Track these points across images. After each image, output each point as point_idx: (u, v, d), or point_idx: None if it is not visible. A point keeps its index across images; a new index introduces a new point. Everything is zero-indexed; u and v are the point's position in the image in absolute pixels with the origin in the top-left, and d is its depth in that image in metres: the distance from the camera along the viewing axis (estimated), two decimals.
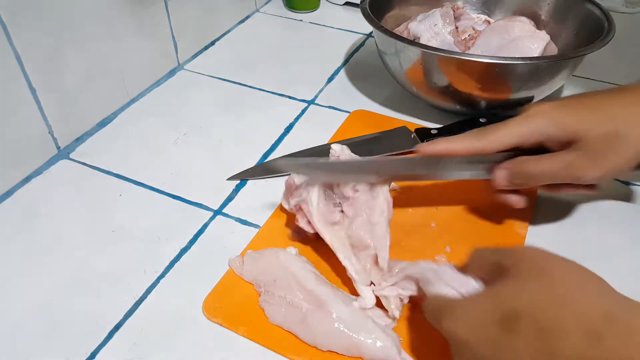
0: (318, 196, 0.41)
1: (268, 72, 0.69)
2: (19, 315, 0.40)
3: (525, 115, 0.40)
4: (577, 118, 0.39)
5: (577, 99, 0.41)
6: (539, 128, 0.39)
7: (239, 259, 0.43)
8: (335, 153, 0.43)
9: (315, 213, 0.40)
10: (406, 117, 0.61)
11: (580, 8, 0.61)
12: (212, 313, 0.40)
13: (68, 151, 0.55)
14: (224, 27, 0.78)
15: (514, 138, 0.40)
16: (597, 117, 0.38)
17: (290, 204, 0.43)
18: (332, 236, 0.40)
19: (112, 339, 0.38)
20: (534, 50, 0.59)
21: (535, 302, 0.28)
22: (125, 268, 0.43)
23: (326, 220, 0.41)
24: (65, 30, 0.51)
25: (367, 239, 0.39)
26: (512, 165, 0.41)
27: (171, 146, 0.56)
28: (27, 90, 0.49)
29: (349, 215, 0.40)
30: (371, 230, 0.39)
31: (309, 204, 0.41)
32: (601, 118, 0.38)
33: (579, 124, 0.38)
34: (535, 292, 0.29)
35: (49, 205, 0.49)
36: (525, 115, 0.40)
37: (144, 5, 0.60)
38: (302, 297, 0.39)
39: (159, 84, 0.66)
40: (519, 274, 0.30)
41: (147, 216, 0.48)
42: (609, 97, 0.40)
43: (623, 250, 0.45)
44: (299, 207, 0.41)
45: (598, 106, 0.39)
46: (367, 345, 0.36)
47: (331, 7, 0.87)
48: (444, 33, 0.63)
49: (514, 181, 0.42)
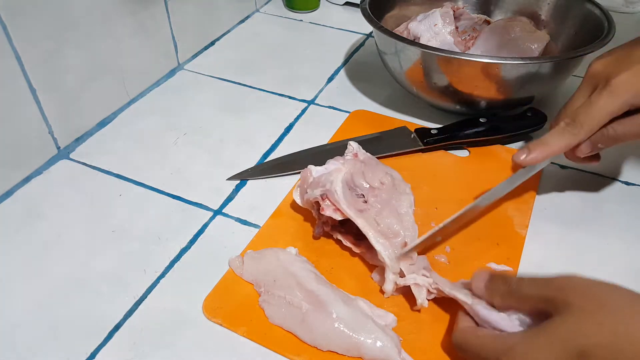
0: (342, 187, 0.42)
1: (268, 72, 0.69)
2: (19, 315, 0.40)
3: (609, 90, 0.39)
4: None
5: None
6: (628, 102, 0.39)
7: (239, 259, 0.43)
8: (353, 149, 0.45)
9: (342, 201, 0.41)
10: (406, 117, 0.61)
11: (580, 8, 0.61)
12: (212, 313, 0.40)
13: (68, 151, 0.55)
14: (224, 27, 0.78)
15: (606, 119, 0.40)
16: None
17: (309, 195, 0.43)
18: (363, 220, 0.41)
19: (112, 339, 0.38)
20: (534, 50, 0.59)
21: (603, 339, 0.28)
22: (125, 268, 0.43)
23: (354, 206, 0.42)
24: (65, 30, 0.51)
25: (397, 227, 0.40)
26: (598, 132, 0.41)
27: (171, 146, 0.56)
28: (27, 90, 0.49)
29: (377, 204, 0.42)
30: (400, 220, 0.41)
31: (335, 193, 0.41)
32: None
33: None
34: (600, 327, 0.28)
35: (49, 205, 0.49)
36: (609, 91, 0.39)
37: (144, 5, 0.60)
38: (302, 297, 0.39)
39: (159, 84, 0.66)
40: (577, 309, 0.29)
41: (147, 216, 0.48)
42: None
43: (623, 251, 0.45)
44: (325, 196, 0.42)
45: None
46: (367, 345, 0.36)
47: (331, 7, 0.87)
48: (444, 33, 0.63)
49: (599, 145, 0.42)
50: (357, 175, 0.44)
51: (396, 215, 0.41)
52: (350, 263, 0.44)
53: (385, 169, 0.45)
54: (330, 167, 0.44)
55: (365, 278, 0.42)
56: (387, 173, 0.45)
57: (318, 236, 0.45)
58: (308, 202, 0.44)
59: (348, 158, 0.45)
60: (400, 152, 0.54)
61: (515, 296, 0.32)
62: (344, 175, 0.43)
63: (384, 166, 0.46)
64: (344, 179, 0.43)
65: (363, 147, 0.47)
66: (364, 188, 0.43)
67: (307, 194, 0.43)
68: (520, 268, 0.43)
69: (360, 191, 0.43)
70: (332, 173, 0.43)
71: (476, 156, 0.55)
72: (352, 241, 0.43)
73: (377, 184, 0.43)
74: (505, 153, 0.55)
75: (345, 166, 0.44)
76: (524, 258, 0.44)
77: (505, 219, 0.47)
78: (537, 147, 0.41)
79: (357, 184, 0.43)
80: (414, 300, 0.39)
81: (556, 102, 0.63)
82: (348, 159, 0.45)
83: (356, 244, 0.43)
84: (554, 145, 0.41)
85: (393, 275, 0.39)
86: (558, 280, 0.31)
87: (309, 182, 0.44)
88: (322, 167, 0.45)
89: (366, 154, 0.46)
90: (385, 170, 0.45)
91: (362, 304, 0.39)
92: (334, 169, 0.44)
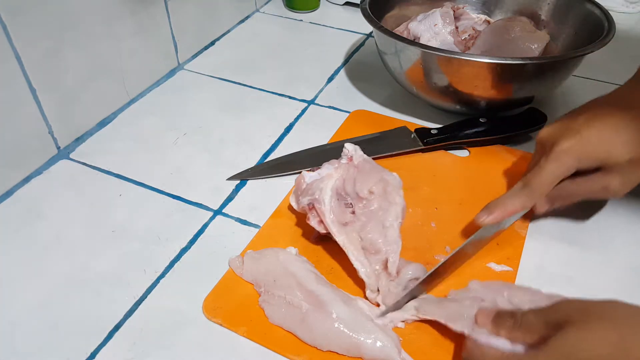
0: (331, 196, 0.41)
1: (268, 72, 0.69)
2: (19, 315, 0.40)
3: (554, 157, 0.42)
4: (606, 148, 0.41)
5: (595, 115, 0.43)
6: (574, 166, 0.42)
7: (239, 259, 0.43)
8: (348, 153, 0.44)
9: (327, 212, 0.41)
10: (406, 117, 0.61)
11: (580, 8, 0.61)
12: (212, 313, 0.40)
13: (68, 151, 0.55)
14: (224, 27, 0.78)
15: (555, 181, 0.43)
16: (622, 140, 0.41)
17: (301, 202, 0.43)
18: (344, 237, 0.40)
19: (112, 339, 0.38)
20: (534, 50, 0.59)
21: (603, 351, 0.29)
22: (125, 268, 0.43)
23: (338, 220, 0.41)
24: (65, 30, 0.51)
25: (379, 243, 0.39)
26: (554, 191, 0.44)
27: (171, 146, 0.56)
28: (27, 90, 0.49)
29: (362, 217, 0.40)
30: (384, 234, 0.40)
31: (322, 204, 0.41)
32: (625, 141, 0.41)
33: (608, 153, 0.41)
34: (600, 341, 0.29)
35: (49, 205, 0.49)
36: (554, 158, 0.42)
37: (144, 5, 0.60)
38: (302, 297, 0.39)
39: (159, 84, 0.66)
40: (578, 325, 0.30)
41: (147, 216, 0.48)
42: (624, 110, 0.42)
43: (624, 250, 0.45)
44: (312, 206, 0.41)
45: (619, 124, 0.41)
46: (367, 345, 0.36)
47: (331, 7, 0.87)
48: (444, 33, 0.63)
49: (555, 204, 0.45)
50: (349, 182, 0.42)
51: (380, 229, 0.40)
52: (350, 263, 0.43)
53: (379, 175, 0.42)
54: (324, 172, 0.43)
55: None
56: (381, 179, 0.41)
57: (316, 242, 0.45)
58: (302, 209, 0.43)
59: (343, 162, 0.44)
60: (400, 152, 0.54)
61: (523, 328, 0.33)
62: (334, 182, 0.42)
63: (379, 171, 0.43)
64: (335, 186, 0.42)
65: (363, 147, 0.46)
66: (353, 197, 0.42)
67: (299, 201, 0.43)
68: (520, 268, 0.43)
69: (349, 199, 0.42)
70: (324, 179, 0.43)
71: (476, 156, 0.55)
72: None
73: (365, 193, 0.41)
74: (505, 153, 0.55)
75: (338, 171, 0.43)
76: (524, 258, 0.44)
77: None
78: (497, 208, 0.43)
79: (348, 191, 0.42)
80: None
81: (556, 102, 0.63)
82: (342, 162, 0.44)
83: None
84: (511, 207, 0.43)
85: (371, 292, 0.39)
86: (560, 304, 0.33)
87: (302, 188, 0.44)
88: (316, 172, 0.44)
89: (362, 157, 0.44)
90: (380, 175, 0.42)
91: (362, 304, 0.39)
92: (326, 174, 0.43)
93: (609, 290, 0.42)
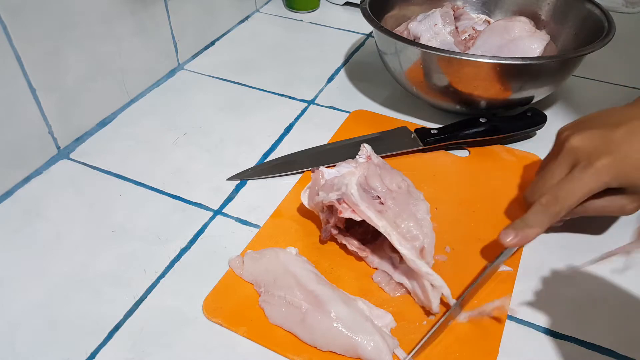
0: (357, 190, 0.42)
1: (268, 72, 0.69)
2: (19, 315, 0.40)
3: (594, 172, 0.39)
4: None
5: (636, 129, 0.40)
6: (607, 184, 0.39)
7: (239, 259, 0.43)
8: (367, 152, 0.45)
9: (360, 203, 0.41)
10: (406, 117, 0.61)
11: (580, 8, 0.61)
12: (212, 313, 0.40)
13: (68, 151, 0.55)
14: (224, 27, 0.78)
15: (585, 197, 0.40)
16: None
17: (327, 198, 0.42)
18: (385, 222, 0.40)
19: (112, 339, 0.38)
20: (534, 50, 0.59)
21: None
22: (125, 268, 0.43)
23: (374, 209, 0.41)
24: (65, 30, 0.51)
25: (416, 231, 0.41)
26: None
27: (171, 146, 0.56)
28: (27, 90, 0.49)
29: (394, 207, 0.41)
30: (419, 225, 0.41)
31: (352, 196, 0.41)
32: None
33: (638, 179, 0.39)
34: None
35: (49, 205, 0.49)
36: (593, 172, 0.39)
37: (144, 5, 0.60)
38: (302, 297, 0.39)
39: (159, 84, 0.66)
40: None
41: (147, 216, 0.48)
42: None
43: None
44: (342, 200, 0.41)
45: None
46: (363, 345, 0.36)
47: (331, 7, 0.87)
48: (444, 33, 0.63)
49: (566, 217, 0.42)
50: (373, 177, 0.43)
51: (415, 219, 0.41)
52: (350, 263, 0.44)
53: (401, 175, 0.45)
54: (343, 169, 0.43)
55: (366, 278, 0.42)
56: (404, 179, 0.44)
57: (325, 240, 0.45)
58: (318, 204, 0.43)
59: (361, 161, 0.44)
60: (400, 152, 0.54)
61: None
62: (357, 179, 0.42)
63: (398, 172, 0.45)
64: (358, 181, 0.42)
65: None
66: (380, 190, 0.42)
67: (318, 196, 0.43)
68: (520, 268, 0.43)
69: (375, 193, 0.42)
70: (346, 176, 0.43)
71: (476, 156, 0.55)
72: (357, 245, 0.43)
73: (394, 186, 0.43)
74: (505, 153, 0.55)
75: (359, 169, 0.43)
76: (524, 258, 0.44)
77: (506, 219, 0.47)
78: (523, 230, 0.40)
79: (373, 186, 0.42)
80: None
81: (556, 102, 0.63)
82: (361, 161, 0.44)
83: (361, 248, 0.43)
84: (539, 227, 0.40)
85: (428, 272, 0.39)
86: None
87: (321, 184, 0.43)
88: (334, 169, 0.44)
89: (379, 158, 0.45)
90: (401, 175, 0.45)
91: (362, 304, 0.39)
92: (347, 171, 0.43)
93: (609, 290, 0.42)
